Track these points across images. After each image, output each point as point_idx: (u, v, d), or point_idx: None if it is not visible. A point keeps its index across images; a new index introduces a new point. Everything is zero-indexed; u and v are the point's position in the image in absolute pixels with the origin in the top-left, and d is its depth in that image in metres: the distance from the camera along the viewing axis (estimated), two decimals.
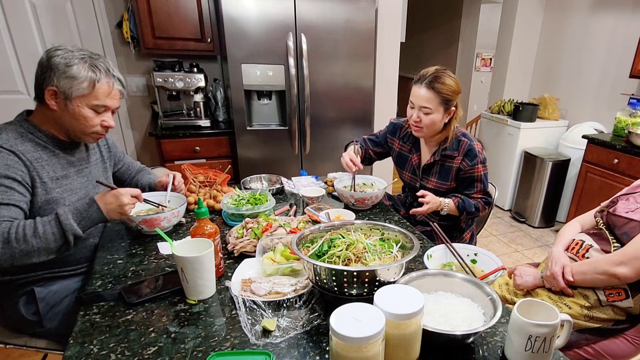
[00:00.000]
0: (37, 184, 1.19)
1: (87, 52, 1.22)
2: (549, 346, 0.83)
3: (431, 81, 1.56)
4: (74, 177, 1.31)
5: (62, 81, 1.17)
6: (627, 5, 3.20)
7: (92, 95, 1.21)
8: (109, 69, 1.23)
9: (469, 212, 1.66)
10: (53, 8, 2.71)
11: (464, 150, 1.66)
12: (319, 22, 2.59)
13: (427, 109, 1.59)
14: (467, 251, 1.28)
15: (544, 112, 3.74)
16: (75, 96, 1.19)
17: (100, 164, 1.47)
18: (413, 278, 1.00)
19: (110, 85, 1.23)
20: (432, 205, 1.62)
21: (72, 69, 1.17)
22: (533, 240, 3.42)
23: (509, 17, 3.99)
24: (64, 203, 1.24)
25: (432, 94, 1.57)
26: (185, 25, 2.70)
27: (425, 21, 5.97)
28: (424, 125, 1.63)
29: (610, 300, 1.21)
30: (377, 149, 1.96)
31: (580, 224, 1.48)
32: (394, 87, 3.27)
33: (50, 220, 1.11)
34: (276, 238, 1.24)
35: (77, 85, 1.18)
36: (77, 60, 1.18)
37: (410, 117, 1.66)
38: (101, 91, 1.22)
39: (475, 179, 1.68)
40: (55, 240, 1.10)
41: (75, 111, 1.21)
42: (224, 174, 1.75)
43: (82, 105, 1.21)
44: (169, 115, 2.89)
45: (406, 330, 0.78)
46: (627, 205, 1.31)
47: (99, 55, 1.24)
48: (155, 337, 0.90)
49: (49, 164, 1.23)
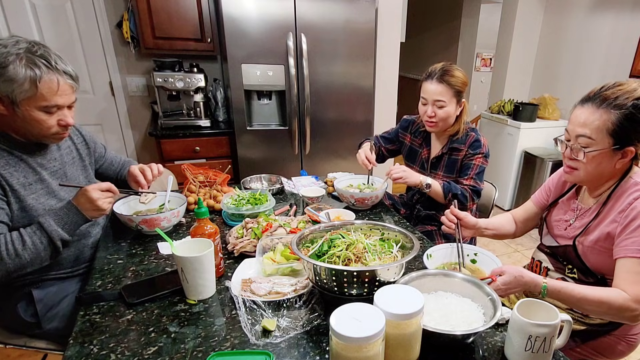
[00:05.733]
0: (7, 193, 1.12)
1: (25, 44, 1.08)
2: (549, 346, 0.83)
3: (442, 75, 1.62)
4: (49, 180, 1.23)
5: (1, 85, 1.05)
6: (627, 5, 3.20)
7: (38, 97, 1.08)
8: (50, 62, 1.08)
9: (454, 194, 1.63)
10: (53, 8, 2.71)
11: (470, 142, 1.70)
12: (319, 22, 2.59)
13: (441, 102, 1.63)
14: (468, 251, 1.27)
15: (544, 112, 3.74)
16: (20, 100, 1.07)
17: (79, 163, 1.39)
18: (413, 278, 1.00)
19: (55, 82, 1.10)
20: (407, 178, 1.63)
21: (9, 70, 1.04)
22: (533, 240, 3.42)
23: (509, 17, 3.99)
24: (43, 208, 1.18)
25: (444, 87, 1.62)
26: (185, 25, 2.70)
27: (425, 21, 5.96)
28: (438, 120, 1.66)
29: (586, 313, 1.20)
30: (389, 146, 1.97)
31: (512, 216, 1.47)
32: (394, 87, 3.27)
33: (35, 230, 1.10)
34: (276, 238, 1.24)
35: (18, 89, 1.05)
36: (12, 57, 1.04)
37: (423, 113, 1.68)
38: (46, 90, 1.09)
39: (470, 166, 1.69)
40: (45, 249, 1.11)
41: (25, 115, 1.10)
42: (224, 174, 1.74)
43: (30, 108, 1.09)
44: (169, 115, 2.89)
45: (406, 330, 0.78)
46: (558, 225, 1.28)
47: (40, 45, 1.10)
48: (155, 337, 0.90)
49: (17, 170, 1.15)
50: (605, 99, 1.05)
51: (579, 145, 1.09)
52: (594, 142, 1.06)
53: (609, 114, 1.03)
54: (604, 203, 1.14)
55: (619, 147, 1.06)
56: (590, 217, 1.18)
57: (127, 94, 3.09)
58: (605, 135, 1.05)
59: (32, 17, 2.67)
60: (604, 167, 1.10)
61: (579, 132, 1.08)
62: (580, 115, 1.08)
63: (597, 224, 1.15)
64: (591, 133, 1.05)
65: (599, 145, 1.06)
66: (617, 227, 1.08)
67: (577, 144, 1.09)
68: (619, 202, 1.11)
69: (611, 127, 1.04)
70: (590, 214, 1.19)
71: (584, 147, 1.08)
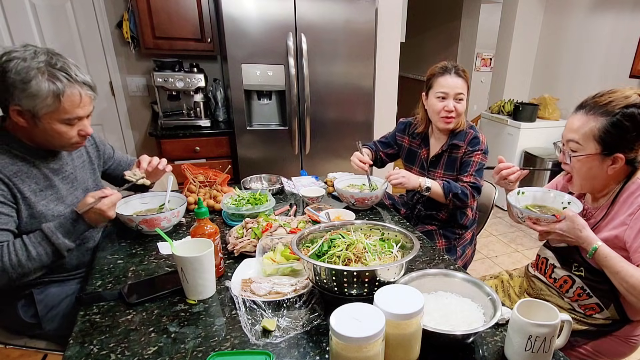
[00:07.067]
0: (18, 200, 1.12)
1: (44, 56, 1.07)
2: (549, 346, 0.83)
3: (457, 69, 1.66)
4: (60, 186, 1.24)
5: (23, 100, 1.05)
6: (627, 5, 3.20)
7: (60, 110, 1.09)
8: (70, 75, 1.09)
9: (455, 194, 1.64)
10: (53, 8, 2.71)
11: (469, 139, 1.71)
12: (319, 22, 2.59)
13: (462, 95, 1.66)
14: (562, 198, 1.26)
15: (544, 112, 3.74)
16: (42, 114, 1.08)
17: (88, 166, 1.40)
18: (413, 278, 1.00)
19: (77, 95, 1.10)
20: (406, 183, 1.63)
21: (31, 86, 1.04)
22: (533, 240, 3.42)
23: (509, 17, 3.99)
24: (52, 214, 1.18)
25: (462, 81, 1.66)
26: (185, 25, 2.70)
27: (425, 21, 5.96)
28: (458, 114, 1.67)
29: (589, 313, 1.21)
30: (387, 150, 1.96)
31: None
32: (394, 87, 3.27)
33: (40, 241, 1.09)
34: (276, 238, 1.24)
35: (41, 103, 1.06)
36: (33, 72, 1.04)
37: (442, 108, 1.67)
38: (69, 103, 1.09)
39: (470, 163, 1.69)
40: (49, 259, 1.11)
41: (47, 128, 1.11)
42: (224, 174, 1.74)
43: (52, 121, 1.10)
44: (169, 115, 2.89)
45: (406, 330, 0.78)
46: None
47: (57, 56, 1.10)
48: (155, 337, 0.90)
49: (29, 177, 1.15)
50: (595, 106, 1.09)
51: (569, 149, 1.14)
52: (581, 147, 1.11)
53: (596, 120, 1.07)
54: (611, 205, 1.15)
55: (607, 153, 1.08)
56: (597, 218, 1.19)
57: (127, 94, 3.09)
58: (592, 141, 1.09)
59: (32, 17, 2.67)
60: (595, 173, 1.13)
61: (569, 137, 1.13)
62: (574, 121, 1.13)
63: (604, 225, 1.15)
64: (579, 138, 1.10)
65: (585, 151, 1.10)
66: (626, 230, 1.08)
67: (568, 149, 1.14)
68: (626, 204, 1.11)
69: (597, 134, 1.07)
70: (597, 216, 1.19)
71: (573, 151, 1.13)
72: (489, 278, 1.55)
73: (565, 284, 1.24)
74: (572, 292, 1.23)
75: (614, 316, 1.18)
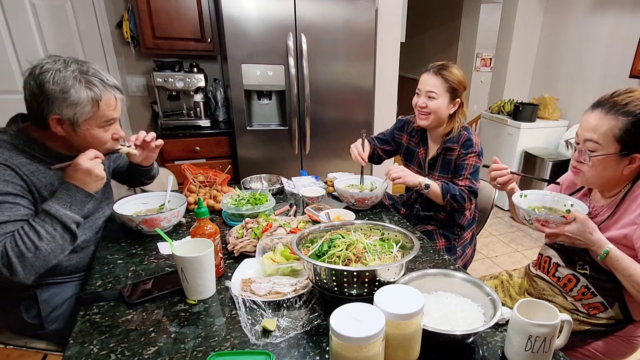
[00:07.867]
0: (36, 197, 1.14)
1: (74, 64, 1.12)
2: (549, 346, 0.82)
3: (439, 68, 1.67)
4: None
5: (64, 109, 1.09)
6: (627, 5, 3.20)
7: (98, 115, 1.15)
8: (102, 80, 1.15)
9: (453, 195, 1.64)
10: (53, 8, 2.71)
11: (462, 142, 1.71)
12: (319, 22, 2.59)
13: (433, 94, 1.66)
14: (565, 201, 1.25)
15: (544, 112, 3.74)
16: (82, 121, 1.13)
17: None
18: (413, 278, 1.00)
19: (112, 99, 1.17)
20: (406, 177, 1.64)
21: (71, 95, 1.09)
22: (533, 240, 3.42)
23: (509, 17, 3.99)
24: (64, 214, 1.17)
25: (438, 80, 1.65)
26: (185, 25, 2.70)
27: (425, 21, 5.97)
28: (430, 111, 1.68)
29: (592, 313, 1.21)
30: (385, 147, 1.97)
31: None
32: (394, 87, 3.27)
33: (44, 218, 1.07)
34: (276, 238, 1.24)
35: (81, 110, 1.11)
36: (71, 81, 1.09)
37: (415, 104, 1.72)
38: (105, 107, 1.15)
39: (464, 167, 1.69)
40: (61, 236, 1.09)
41: (85, 134, 1.16)
42: (224, 174, 1.74)
43: (91, 127, 1.16)
44: (169, 115, 2.89)
45: (406, 330, 0.78)
46: None
47: (85, 63, 1.15)
48: (155, 337, 0.90)
49: (45, 177, 1.17)
50: (615, 105, 1.06)
51: (586, 149, 1.11)
52: (600, 146, 1.08)
53: (617, 120, 1.05)
54: (619, 203, 1.15)
55: (626, 153, 1.07)
56: (603, 216, 1.18)
57: (127, 94, 3.09)
58: (612, 140, 1.06)
59: (32, 17, 2.67)
60: (611, 172, 1.11)
61: (587, 137, 1.10)
62: (590, 120, 1.10)
63: (612, 223, 1.15)
64: (598, 138, 1.07)
65: (604, 150, 1.08)
66: (636, 229, 1.08)
67: (585, 148, 1.11)
68: (636, 202, 1.11)
69: (618, 133, 1.05)
70: (603, 214, 1.19)
71: (591, 151, 1.10)
72: (489, 278, 1.55)
73: (570, 283, 1.24)
74: (576, 290, 1.23)
75: (618, 316, 1.18)
